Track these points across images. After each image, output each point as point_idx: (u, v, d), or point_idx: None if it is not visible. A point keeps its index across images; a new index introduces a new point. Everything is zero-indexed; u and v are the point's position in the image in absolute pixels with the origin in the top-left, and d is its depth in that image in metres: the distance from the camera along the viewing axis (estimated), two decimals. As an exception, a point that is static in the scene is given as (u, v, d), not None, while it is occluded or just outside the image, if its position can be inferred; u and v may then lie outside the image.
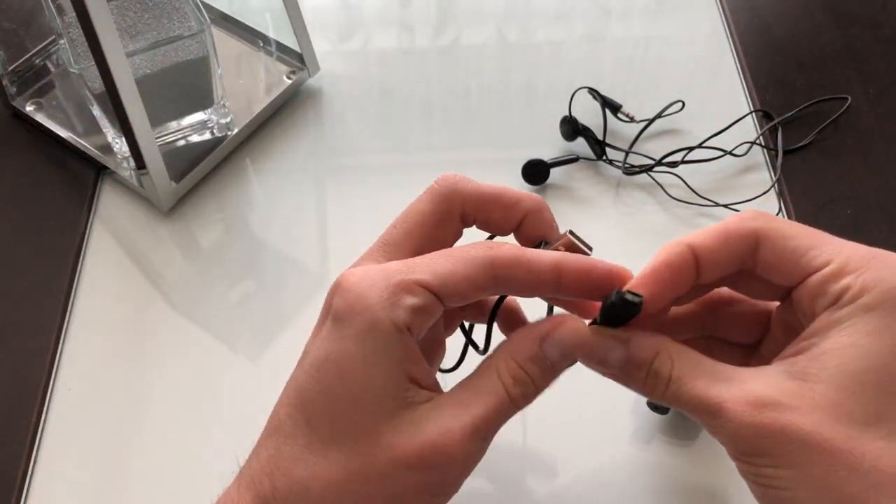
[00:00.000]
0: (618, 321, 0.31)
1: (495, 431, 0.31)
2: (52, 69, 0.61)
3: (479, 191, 0.33)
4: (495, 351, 0.31)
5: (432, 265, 0.30)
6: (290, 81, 0.60)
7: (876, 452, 0.27)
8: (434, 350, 0.36)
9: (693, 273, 0.31)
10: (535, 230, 0.34)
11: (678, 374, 0.30)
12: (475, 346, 0.36)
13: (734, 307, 0.36)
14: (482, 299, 0.35)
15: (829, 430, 0.28)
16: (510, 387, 0.30)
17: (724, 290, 0.35)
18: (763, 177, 0.56)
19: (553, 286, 0.31)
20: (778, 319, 0.35)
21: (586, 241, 0.33)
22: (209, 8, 0.62)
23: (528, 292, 0.31)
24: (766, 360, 0.33)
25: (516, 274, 0.30)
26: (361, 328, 0.29)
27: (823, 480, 0.28)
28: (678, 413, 0.45)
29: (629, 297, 0.30)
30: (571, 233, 0.33)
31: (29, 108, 0.59)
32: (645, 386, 0.31)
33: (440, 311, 0.30)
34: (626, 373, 0.31)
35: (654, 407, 0.44)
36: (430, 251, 0.32)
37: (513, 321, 0.37)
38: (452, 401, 0.30)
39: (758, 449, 0.28)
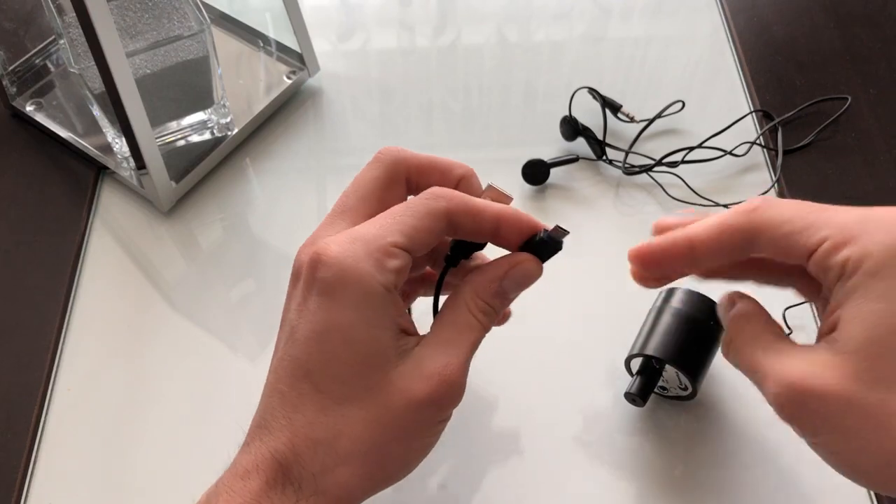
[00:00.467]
0: (543, 255, 0.36)
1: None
2: (52, 69, 0.61)
3: (419, 158, 0.37)
4: (460, 290, 0.35)
5: (401, 225, 0.33)
6: (290, 81, 0.60)
7: None
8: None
9: (688, 260, 0.34)
10: (468, 192, 0.37)
11: (739, 342, 0.34)
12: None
13: (766, 265, 0.37)
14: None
15: (861, 395, 0.29)
16: (482, 319, 0.35)
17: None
18: (763, 177, 0.56)
19: (492, 233, 0.35)
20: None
21: (506, 190, 0.37)
22: (209, 8, 0.62)
23: (471, 237, 0.36)
24: None
25: (465, 221, 0.34)
26: (357, 296, 0.32)
27: (867, 442, 0.29)
28: (657, 404, 0.46)
29: (556, 234, 0.35)
30: (491, 186, 0.37)
31: (29, 108, 0.59)
32: (722, 344, 0.35)
33: (411, 262, 0.34)
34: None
35: (631, 399, 0.44)
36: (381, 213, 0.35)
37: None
38: (439, 340, 0.34)
39: (801, 418, 0.31)
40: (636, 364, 0.45)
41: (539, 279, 0.36)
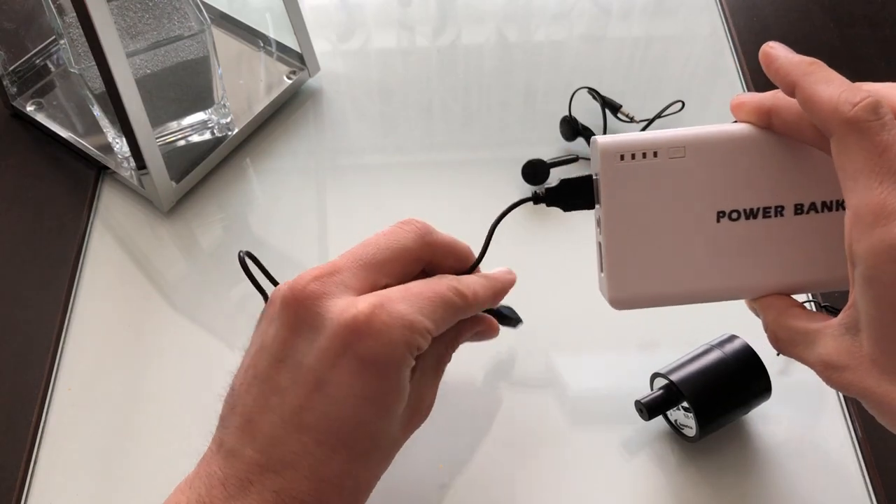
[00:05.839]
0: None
1: None
2: (53, 69, 0.61)
3: (443, 241, 0.39)
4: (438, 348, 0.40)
5: (437, 315, 0.36)
6: (290, 81, 0.60)
7: None
8: None
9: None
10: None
11: (784, 341, 0.34)
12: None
13: None
14: None
15: (875, 384, 0.30)
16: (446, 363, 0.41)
17: None
18: (763, 177, 0.56)
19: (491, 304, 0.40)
20: None
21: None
22: (209, 8, 0.62)
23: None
24: None
25: (471, 311, 0.39)
26: (397, 374, 0.35)
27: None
28: (667, 437, 0.45)
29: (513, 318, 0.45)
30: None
31: (29, 108, 0.59)
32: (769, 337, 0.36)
33: None
34: None
35: (638, 408, 0.43)
36: (401, 282, 0.37)
37: None
38: (423, 383, 0.38)
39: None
40: (659, 383, 0.44)
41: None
